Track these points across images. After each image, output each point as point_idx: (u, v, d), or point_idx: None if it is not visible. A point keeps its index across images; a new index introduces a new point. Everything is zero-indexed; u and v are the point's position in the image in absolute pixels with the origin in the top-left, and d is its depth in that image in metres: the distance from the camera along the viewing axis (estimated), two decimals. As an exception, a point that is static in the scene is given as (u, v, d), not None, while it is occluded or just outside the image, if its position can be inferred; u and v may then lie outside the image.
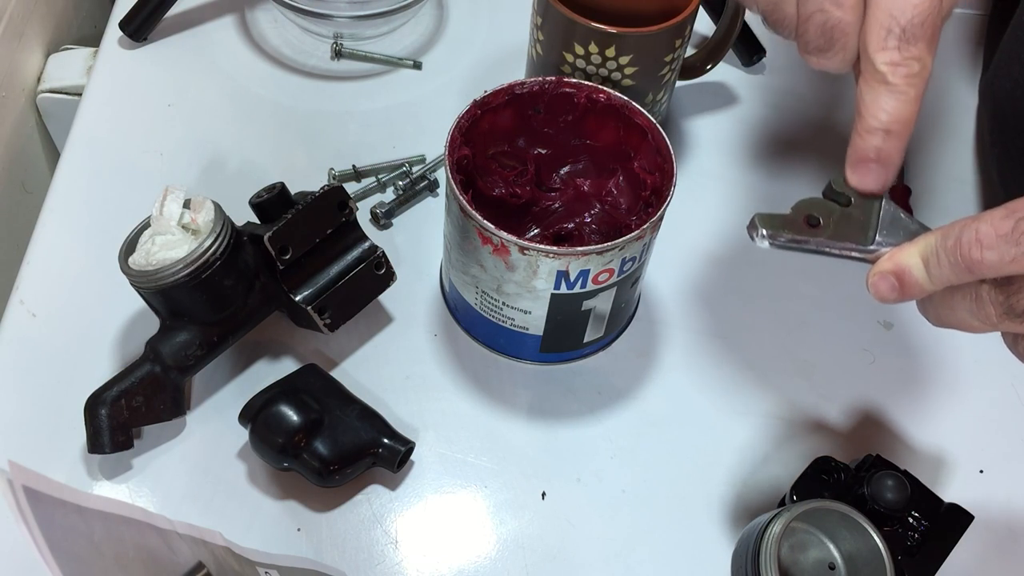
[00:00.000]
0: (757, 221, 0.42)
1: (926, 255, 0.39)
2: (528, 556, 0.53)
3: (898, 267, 0.40)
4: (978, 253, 0.36)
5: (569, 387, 0.58)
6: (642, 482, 0.55)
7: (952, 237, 0.38)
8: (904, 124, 0.41)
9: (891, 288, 0.40)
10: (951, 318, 0.40)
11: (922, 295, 0.40)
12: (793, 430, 0.58)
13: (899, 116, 0.41)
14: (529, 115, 0.56)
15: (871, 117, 0.41)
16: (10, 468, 0.53)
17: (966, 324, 0.40)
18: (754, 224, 0.42)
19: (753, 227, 0.42)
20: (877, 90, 0.41)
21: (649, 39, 0.57)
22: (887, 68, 0.40)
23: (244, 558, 0.51)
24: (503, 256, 0.50)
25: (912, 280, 0.40)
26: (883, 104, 0.41)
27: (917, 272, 0.40)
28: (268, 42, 0.73)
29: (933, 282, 0.39)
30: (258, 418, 0.51)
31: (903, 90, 0.40)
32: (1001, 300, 0.37)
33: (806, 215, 0.42)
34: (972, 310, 0.39)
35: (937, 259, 0.38)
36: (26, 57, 0.72)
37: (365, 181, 0.65)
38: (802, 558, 0.50)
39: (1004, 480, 0.57)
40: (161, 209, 0.52)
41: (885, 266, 0.41)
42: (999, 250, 0.36)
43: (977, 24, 0.78)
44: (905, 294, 0.40)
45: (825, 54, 0.44)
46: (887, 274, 0.40)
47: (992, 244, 0.36)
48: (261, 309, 0.55)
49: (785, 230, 0.42)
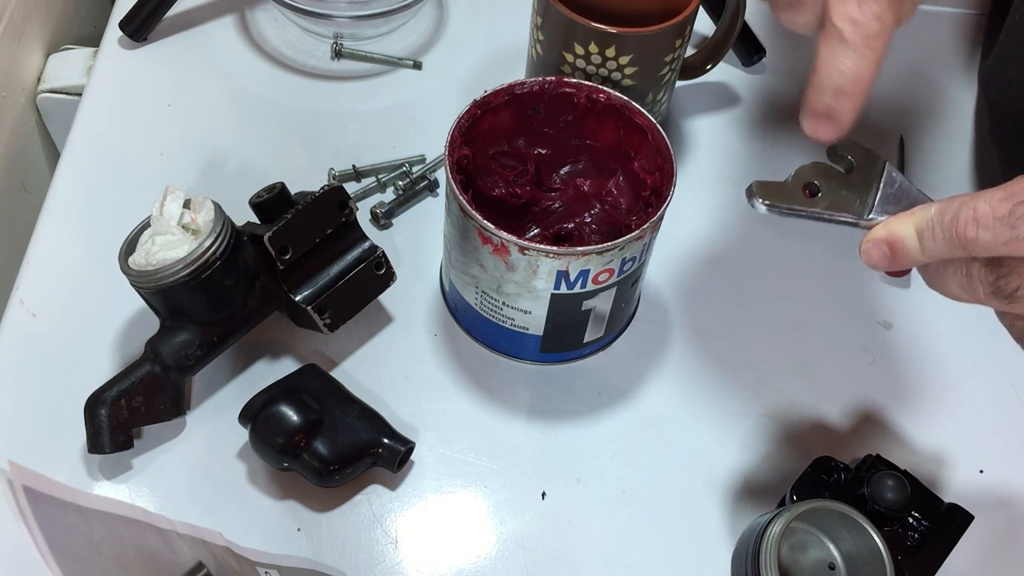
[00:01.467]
0: (755, 189, 0.42)
1: (921, 227, 0.39)
2: (528, 556, 0.53)
3: (892, 236, 0.40)
4: (973, 232, 0.37)
5: (569, 387, 0.58)
6: (642, 482, 0.55)
7: (950, 213, 0.38)
8: (858, 84, 0.41)
9: (883, 256, 0.41)
10: (941, 286, 0.41)
11: (913, 264, 0.41)
12: (793, 430, 0.58)
13: (854, 75, 0.41)
14: (529, 115, 0.57)
15: (825, 75, 0.41)
16: (10, 468, 0.53)
17: (954, 295, 0.40)
18: (752, 191, 0.42)
19: (751, 194, 0.42)
20: (834, 47, 0.41)
21: (649, 39, 0.57)
22: (845, 25, 0.40)
23: (244, 558, 0.51)
24: (503, 256, 0.50)
25: (904, 250, 0.40)
26: (838, 62, 0.41)
27: (910, 243, 0.40)
28: (268, 42, 0.73)
29: (925, 254, 0.40)
30: (258, 418, 0.51)
31: (859, 49, 0.40)
32: (990, 280, 0.38)
33: (805, 183, 0.42)
34: (962, 284, 0.39)
35: (932, 233, 0.39)
36: (26, 57, 0.72)
37: (365, 181, 0.65)
38: (802, 558, 0.50)
39: (1004, 480, 0.57)
40: (161, 209, 0.52)
41: (879, 234, 0.41)
42: (994, 231, 0.36)
43: (975, 24, 0.78)
44: (896, 263, 0.41)
45: (795, 9, 0.44)
46: (880, 242, 0.41)
47: (988, 224, 0.36)
48: (261, 309, 0.55)
49: (783, 199, 0.42)
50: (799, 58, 0.75)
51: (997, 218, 0.36)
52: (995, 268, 0.37)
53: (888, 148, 0.70)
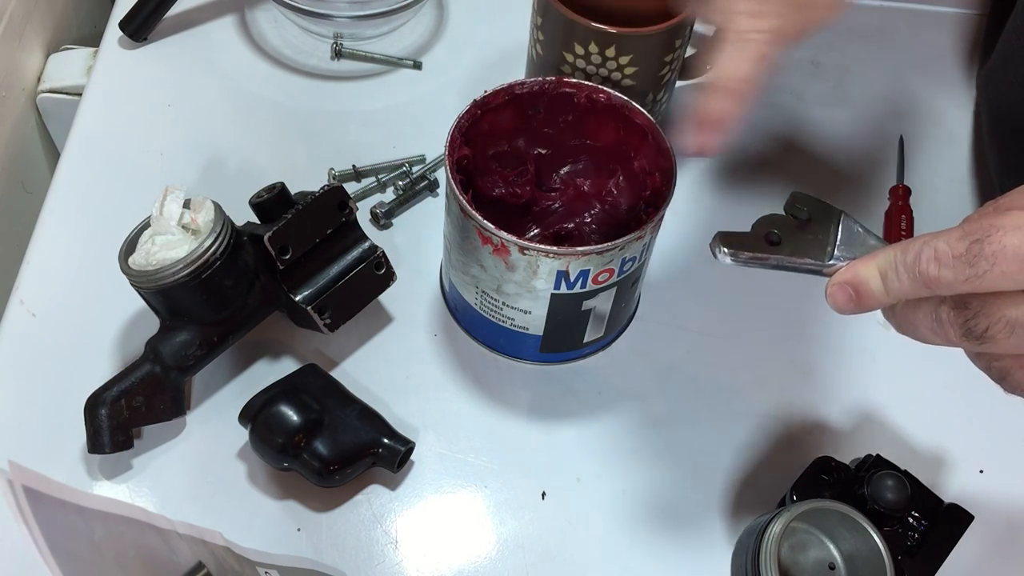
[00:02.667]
0: (719, 239, 0.43)
1: (884, 268, 0.40)
2: (528, 556, 0.53)
3: (856, 278, 0.41)
4: (935, 270, 0.37)
5: (569, 387, 0.58)
6: (642, 482, 0.55)
7: (912, 252, 0.38)
8: (739, 82, 0.41)
9: (848, 298, 0.41)
10: (913, 333, 0.41)
11: (878, 307, 0.41)
12: (793, 430, 0.58)
13: (735, 73, 0.41)
14: (529, 115, 0.56)
15: (713, 72, 0.42)
16: (10, 468, 0.53)
17: (927, 339, 0.41)
18: (716, 242, 0.43)
19: (716, 244, 0.43)
20: (722, 47, 0.42)
21: (649, 39, 0.57)
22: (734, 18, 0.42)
23: (244, 558, 0.51)
24: (503, 256, 0.50)
25: (868, 292, 0.40)
26: (723, 58, 0.42)
27: (874, 284, 0.40)
28: (268, 42, 0.73)
29: (890, 295, 0.40)
30: (258, 418, 0.51)
31: (743, 45, 0.41)
32: (960, 323, 0.38)
33: (766, 232, 0.43)
34: (932, 328, 0.39)
35: (896, 273, 0.39)
36: (26, 57, 0.72)
37: (365, 181, 0.65)
38: (802, 558, 0.50)
39: (1004, 480, 0.57)
40: (161, 209, 0.52)
41: (843, 276, 0.41)
42: (955, 269, 0.36)
43: (975, 24, 0.78)
44: (861, 305, 0.41)
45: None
46: (844, 284, 0.41)
47: (948, 263, 0.37)
48: (261, 309, 0.55)
49: (745, 248, 0.43)
50: (799, 58, 0.75)
51: (956, 256, 0.36)
52: (962, 310, 0.38)
53: (888, 148, 0.70)
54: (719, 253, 0.43)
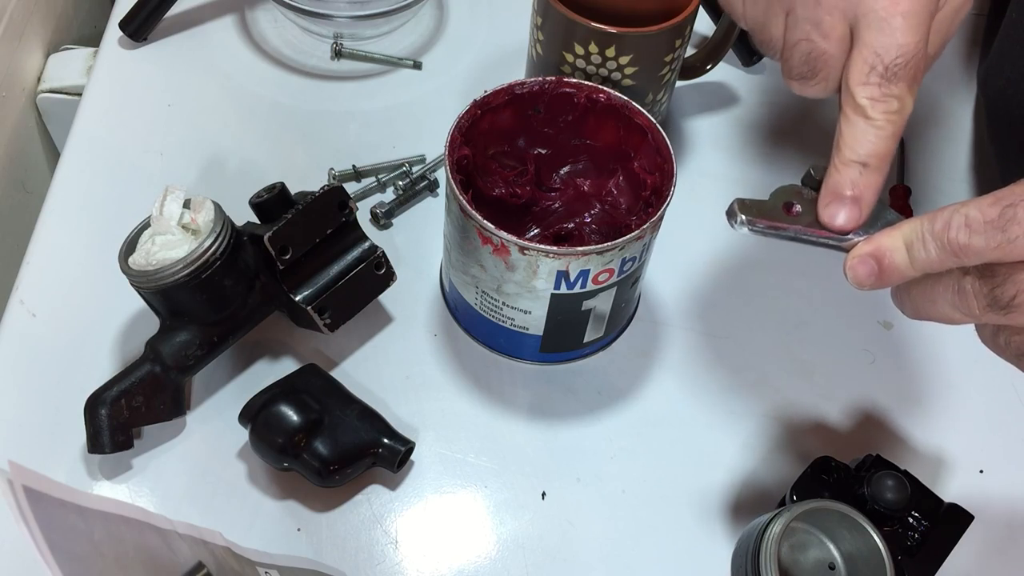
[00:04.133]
0: (736, 207, 0.42)
1: (910, 238, 0.39)
2: (528, 556, 0.53)
3: (879, 249, 0.40)
4: (965, 237, 0.37)
5: (569, 387, 0.58)
6: (642, 482, 0.55)
7: (940, 221, 0.38)
8: (880, 159, 0.41)
9: (870, 272, 0.40)
10: (931, 310, 0.40)
11: (901, 280, 0.40)
12: (793, 430, 0.58)
13: (876, 150, 0.41)
14: (529, 115, 0.56)
15: (848, 149, 0.42)
16: (10, 468, 0.53)
17: (946, 317, 0.40)
18: (733, 210, 0.42)
19: (732, 214, 0.42)
20: (856, 123, 0.42)
21: (649, 39, 0.57)
22: (867, 102, 0.41)
23: (244, 558, 0.51)
24: (503, 256, 0.50)
25: (892, 264, 0.40)
26: (860, 137, 0.41)
27: (899, 256, 0.39)
28: (268, 42, 0.73)
29: (915, 267, 0.39)
30: (258, 418, 0.51)
31: (881, 125, 0.41)
32: (985, 292, 0.37)
33: (785, 202, 0.43)
34: (954, 302, 0.39)
35: (923, 243, 0.38)
36: (26, 57, 0.72)
37: (365, 181, 0.65)
38: (802, 558, 0.50)
39: (1004, 480, 0.57)
40: (161, 209, 0.52)
41: (865, 249, 0.40)
42: (986, 235, 0.36)
43: (975, 24, 0.78)
44: (884, 279, 0.40)
45: (808, 82, 0.45)
46: (866, 257, 0.40)
47: (979, 229, 0.36)
48: (261, 309, 0.55)
49: (764, 216, 0.42)
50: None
51: (987, 221, 0.36)
52: (989, 279, 0.37)
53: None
54: (736, 222, 0.42)
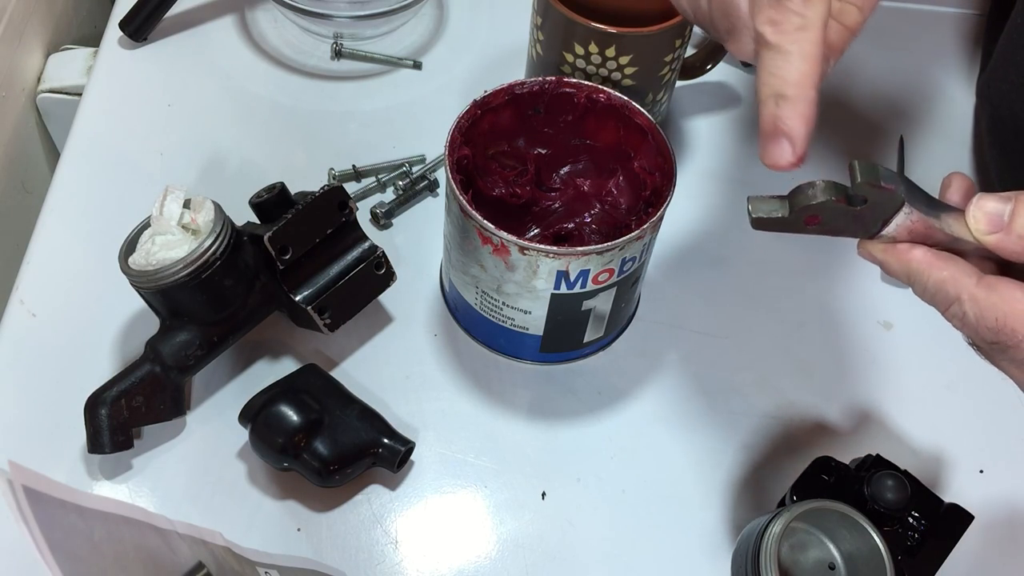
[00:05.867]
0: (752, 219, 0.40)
1: None
2: (528, 556, 0.53)
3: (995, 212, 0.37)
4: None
5: (569, 387, 0.58)
6: (642, 482, 0.55)
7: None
8: (797, 87, 0.38)
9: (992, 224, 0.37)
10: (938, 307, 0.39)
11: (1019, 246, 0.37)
12: (793, 430, 0.58)
13: (788, 77, 0.38)
14: (529, 115, 0.56)
15: (762, 85, 0.39)
16: (10, 468, 0.53)
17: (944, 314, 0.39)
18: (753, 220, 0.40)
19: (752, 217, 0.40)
20: (763, 57, 0.39)
21: (649, 39, 0.57)
22: (767, 29, 0.39)
23: (244, 558, 0.51)
24: (503, 256, 0.50)
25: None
26: (770, 67, 0.39)
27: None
28: (268, 42, 0.73)
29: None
30: (258, 418, 0.51)
31: (786, 48, 0.38)
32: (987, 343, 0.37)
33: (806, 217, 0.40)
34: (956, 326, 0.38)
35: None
36: (26, 57, 0.72)
37: (365, 181, 0.65)
38: (802, 558, 0.50)
39: (1004, 480, 0.57)
40: (161, 209, 0.52)
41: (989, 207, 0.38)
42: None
43: (975, 24, 0.78)
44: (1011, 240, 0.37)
45: (734, 37, 0.43)
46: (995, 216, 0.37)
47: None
48: (261, 309, 0.55)
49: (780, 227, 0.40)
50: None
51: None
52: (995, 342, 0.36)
53: (888, 148, 0.70)
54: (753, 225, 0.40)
